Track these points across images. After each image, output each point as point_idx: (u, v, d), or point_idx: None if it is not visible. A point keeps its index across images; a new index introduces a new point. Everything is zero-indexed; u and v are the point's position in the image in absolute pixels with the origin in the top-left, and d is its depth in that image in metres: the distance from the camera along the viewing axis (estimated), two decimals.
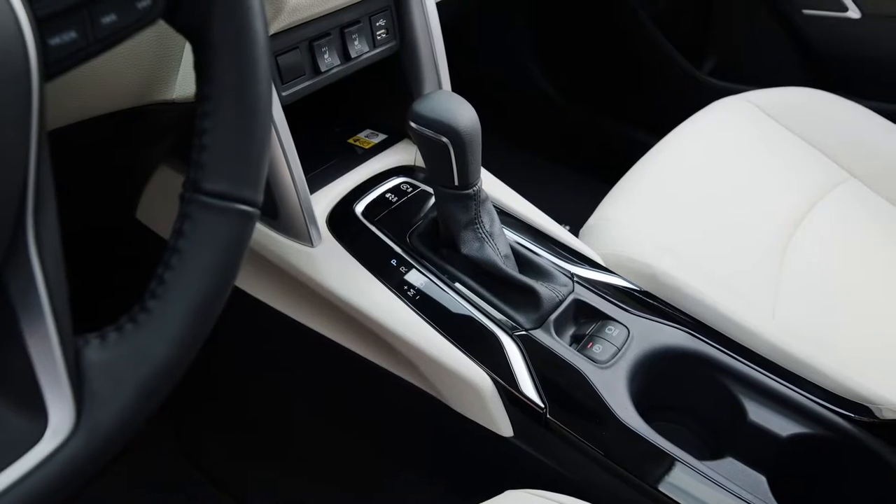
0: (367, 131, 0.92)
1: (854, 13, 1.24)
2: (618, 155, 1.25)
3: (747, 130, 1.13)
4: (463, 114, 0.68)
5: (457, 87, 1.90)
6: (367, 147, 0.89)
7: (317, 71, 0.73)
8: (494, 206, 0.84)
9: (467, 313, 0.72)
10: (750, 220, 0.99)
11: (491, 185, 0.87)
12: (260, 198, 0.42)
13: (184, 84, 0.63)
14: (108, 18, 0.35)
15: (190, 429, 1.14)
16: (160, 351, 0.39)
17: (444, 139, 0.67)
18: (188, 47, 0.62)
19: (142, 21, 0.37)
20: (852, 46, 1.28)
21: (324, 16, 0.71)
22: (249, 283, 0.83)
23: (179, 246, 0.40)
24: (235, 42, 0.39)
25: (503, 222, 0.82)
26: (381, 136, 0.91)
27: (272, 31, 0.61)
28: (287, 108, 0.75)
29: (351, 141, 0.91)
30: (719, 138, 1.11)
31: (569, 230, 1.09)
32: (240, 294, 0.84)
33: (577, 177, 1.71)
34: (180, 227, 0.40)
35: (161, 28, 0.41)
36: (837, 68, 1.32)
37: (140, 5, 0.36)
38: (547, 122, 1.76)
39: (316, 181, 0.83)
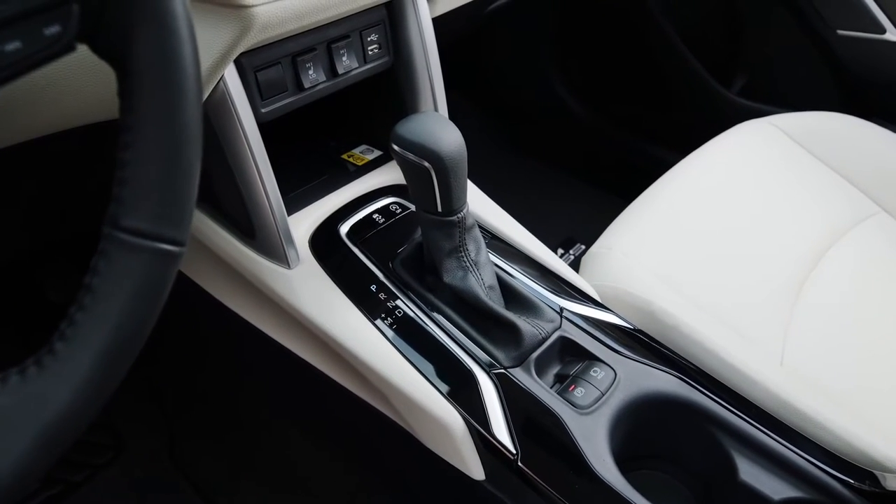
0: (363, 147, 0.90)
1: (892, 35, 1.16)
2: (639, 172, 1.20)
3: (770, 156, 1.07)
4: (447, 138, 0.64)
5: (477, 97, 1.87)
6: (360, 164, 0.87)
7: (300, 87, 0.70)
8: (485, 230, 0.81)
9: (444, 347, 0.68)
10: (765, 254, 0.93)
11: (483, 207, 0.83)
12: (184, 236, 0.39)
13: None
14: (12, 46, 0.33)
15: (183, 439, 1.14)
16: (64, 397, 0.36)
17: (426, 164, 0.64)
18: None
19: (53, 48, 0.35)
20: (890, 70, 1.20)
21: (308, 31, 0.68)
22: (232, 298, 0.82)
23: (93, 285, 0.37)
24: (159, 70, 0.37)
25: (493, 247, 0.79)
26: (377, 153, 0.88)
27: (243, 48, 0.58)
28: (278, 121, 0.73)
29: (344, 156, 0.88)
30: (739, 164, 1.05)
31: (583, 249, 1.04)
32: (224, 309, 0.83)
33: (595, 193, 1.65)
34: (96, 264, 0.38)
35: None
36: (873, 93, 1.24)
37: (48, 32, 0.34)
38: (567, 136, 1.71)
39: (302, 198, 0.80)
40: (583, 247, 1.10)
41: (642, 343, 0.73)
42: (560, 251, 1.56)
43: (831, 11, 1.20)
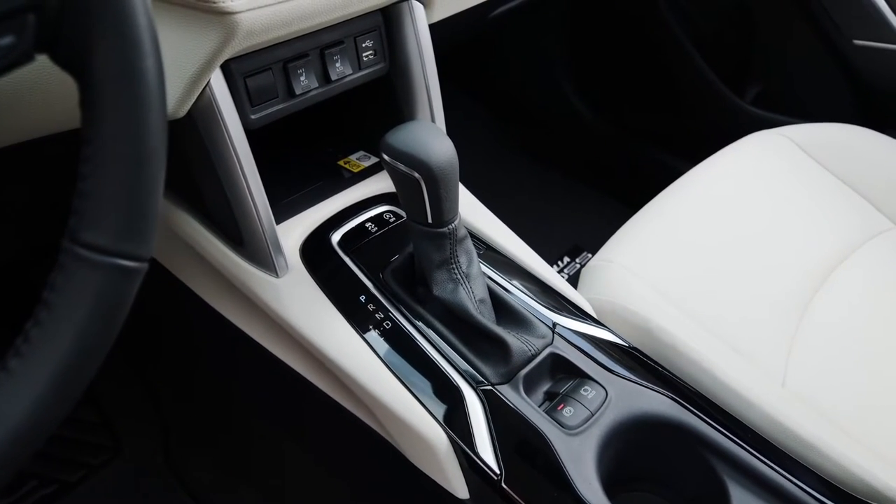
0: (360, 153, 0.89)
1: None
2: (648, 181, 1.18)
3: (781, 168, 1.05)
4: (438, 148, 0.63)
5: (488, 101, 1.85)
6: (356, 170, 0.85)
7: (291, 94, 0.69)
8: (479, 241, 0.80)
9: (432, 362, 0.67)
10: (772, 270, 0.90)
11: (478, 216, 0.81)
12: (146, 251, 0.38)
13: None
14: None
15: (179, 442, 1.13)
16: (17, 416, 0.35)
17: (416, 174, 0.63)
18: None
19: (8, 58, 0.34)
20: None
21: (301, 36, 0.67)
22: (223, 304, 0.81)
23: (51, 301, 0.36)
24: (120, 83, 0.36)
25: (487, 258, 0.77)
26: (373, 160, 0.87)
27: (228, 54, 0.57)
28: (276, 125, 0.72)
29: (341, 163, 0.87)
30: (748, 176, 1.03)
31: (589, 258, 1.02)
32: (216, 315, 0.82)
33: (605, 200, 1.63)
34: (54, 279, 0.37)
35: None
36: (889, 105, 1.21)
37: (1, 43, 0.33)
38: (578, 142, 1.69)
39: (296, 205, 0.79)
40: (589, 255, 1.08)
41: (637, 361, 0.71)
42: (566, 259, 1.54)
43: (848, 21, 1.17)
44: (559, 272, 1.51)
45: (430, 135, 0.64)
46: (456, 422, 0.63)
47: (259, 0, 0.55)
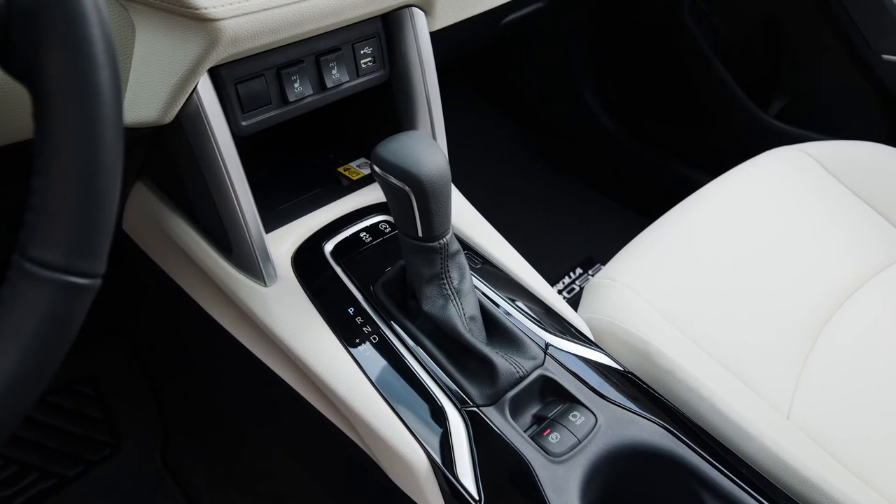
0: (361, 160, 0.87)
1: None
2: (668, 193, 1.15)
3: (800, 186, 1.01)
4: (429, 161, 0.61)
5: (509, 108, 1.83)
6: (355, 178, 0.84)
7: (285, 100, 0.68)
8: (476, 254, 0.78)
9: (417, 379, 0.65)
10: (784, 294, 0.87)
11: (475, 228, 0.79)
12: (98, 267, 0.37)
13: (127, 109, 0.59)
14: None
15: (177, 442, 1.13)
16: None
17: (406, 188, 0.61)
18: (133, 71, 0.59)
19: None
20: None
21: (296, 42, 0.66)
22: (215, 308, 0.80)
23: None
24: (71, 95, 0.35)
25: (483, 273, 0.75)
26: None
27: (213, 61, 0.56)
28: (279, 129, 0.70)
29: (341, 170, 0.86)
30: (765, 193, 0.99)
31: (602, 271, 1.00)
32: (208, 318, 0.81)
33: (622, 211, 1.60)
34: (1, 294, 0.36)
35: None
36: None
37: None
38: (598, 152, 1.65)
39: (291, 211, 0.78)
40: (602, 268, 1.06)
41: (631, 387, 0.68)
42: (579, 271, 1.51)
43: (876, 35, 1.12)
44: (569, 284, 1.48)
45: (422, 147, 0.62)
46: (437, 443, 0.61)
47: (244, 7, 0.54)
